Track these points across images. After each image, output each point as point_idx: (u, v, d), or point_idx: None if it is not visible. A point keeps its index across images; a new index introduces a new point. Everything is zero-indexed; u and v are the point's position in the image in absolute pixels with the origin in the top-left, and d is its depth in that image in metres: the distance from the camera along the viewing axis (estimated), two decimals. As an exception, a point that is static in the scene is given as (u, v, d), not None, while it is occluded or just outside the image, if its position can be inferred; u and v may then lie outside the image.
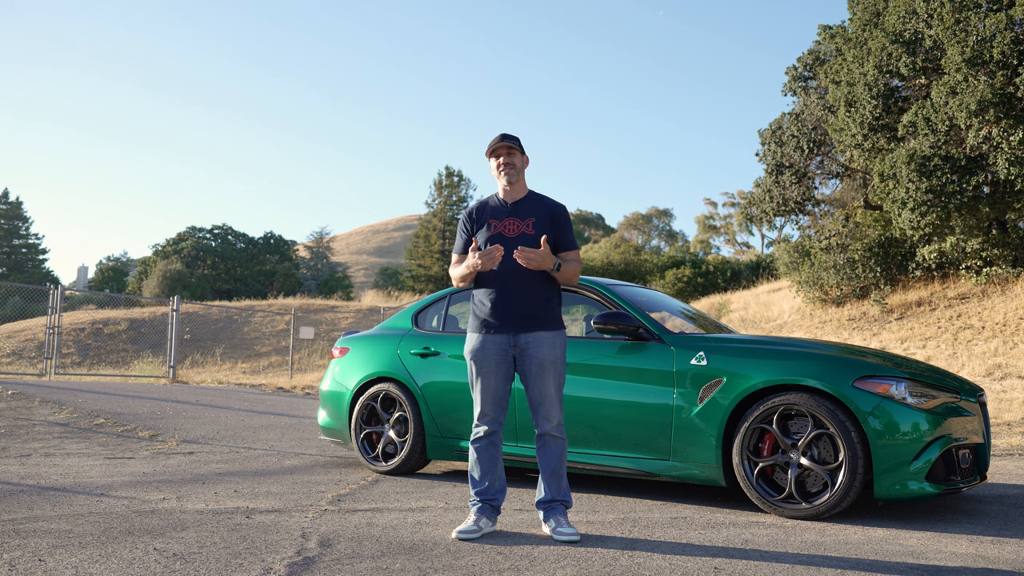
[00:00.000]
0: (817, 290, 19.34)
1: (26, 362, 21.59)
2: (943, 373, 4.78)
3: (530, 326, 3.79)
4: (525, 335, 3.80)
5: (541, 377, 3.78)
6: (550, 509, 3.81)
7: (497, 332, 3.81)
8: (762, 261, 38.80)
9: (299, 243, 59.19)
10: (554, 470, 3.82)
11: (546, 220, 3.87)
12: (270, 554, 3.31)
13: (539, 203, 3.93)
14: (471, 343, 3.88)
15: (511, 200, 3.92)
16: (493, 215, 3.91)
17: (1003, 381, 11.45)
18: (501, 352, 3.81)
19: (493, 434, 3.84)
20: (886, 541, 3.73)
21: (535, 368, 3.78)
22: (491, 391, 3.81)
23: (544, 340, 3.80)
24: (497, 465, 3.84)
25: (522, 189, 3.94)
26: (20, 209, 58.03)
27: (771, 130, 21.53)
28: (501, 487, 3.87)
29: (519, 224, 3.86)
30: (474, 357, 3.85)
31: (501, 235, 3.85)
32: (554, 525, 3.72)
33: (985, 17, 15.23)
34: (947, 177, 15.38)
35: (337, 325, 26.80)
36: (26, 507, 4.22)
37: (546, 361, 3.78)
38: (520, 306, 3.79)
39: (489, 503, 3.81)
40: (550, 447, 3.82)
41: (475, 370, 3.84)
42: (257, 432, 8.01)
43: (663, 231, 74.75)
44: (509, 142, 3.87)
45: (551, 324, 3.84)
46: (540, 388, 3.79)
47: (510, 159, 3.87)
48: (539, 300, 3.82)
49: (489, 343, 3.81)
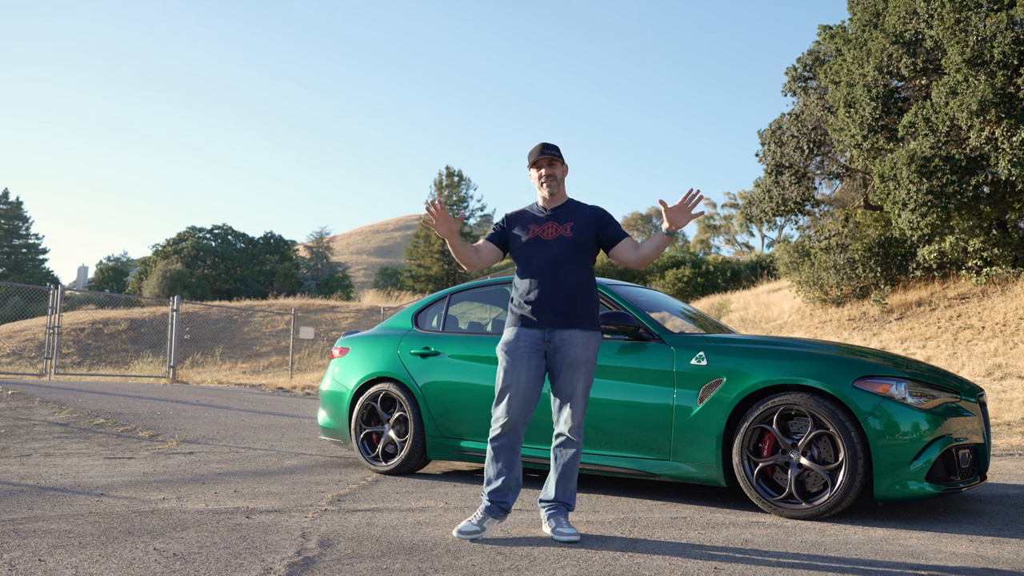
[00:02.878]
0: (817, 290, 19.33)
1: (26, 362, 21.58)
2: (943, 373, 4.78)
3: (566, 323, 3.76)
4: (561, 332, 3.76)
5: (571, 376, 3.76)
6: (553, 509, 3.80)
7: (533, 326, 3.78)
8: (762, 261, 38.78)
9: (299, 243, 59.18)
10: (566, 472, 3.81)
11: (588, 223, 3.87)
12: (270, 554, 3.31)
13: (578, 208, 3.94)
14: (505, 337, 3.84)
15: (550, 207, 3.94)
16: (533, 220, 3.93)
17: (1003, 381, 11.44)
18: (534, 347, 3.77)
19: (514, 433, 3.76)
20: (886, 541, 3.73)
21: (566, 366, 3.75)
22: (520, 388, 3.73)
23: (579, 339, 3.77)
24: (515, 466, 3.79)
25: (562, 197, 3.96)
26: (20, 209, 58.02)
27: (771, 130, 21.52)
28: (515, 487, 3.81)
29: (558, 227, 3.86)
30: (507, 350, 3.79)
31: (539, 238, 3.86)
32: (554, 525, 3.71)
33: (986, 17, 15.22)
34: (947, 178, 15.37)
35: (337, 325, 26.80)
36: (26, 507, 4.22)
37: (578, 361, 3.75)
38: (557, 302, 3.77)
39: (498, 504, 3.76)
40: (566, 447, 3.80)
41: (507, 364, 3.77)
42: (257, 432, 8.01)
43: (663, 231, 74.58)
44: (551, 153, 3.88)
45: (587, 323, 3.81)
46: (568, 387, 3.76)
47: (552, 170, 3.89)
48: (577, 297, 3.80)
49: (524, 336, 3.77)
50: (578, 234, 3.84)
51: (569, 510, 3.83)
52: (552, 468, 3.85)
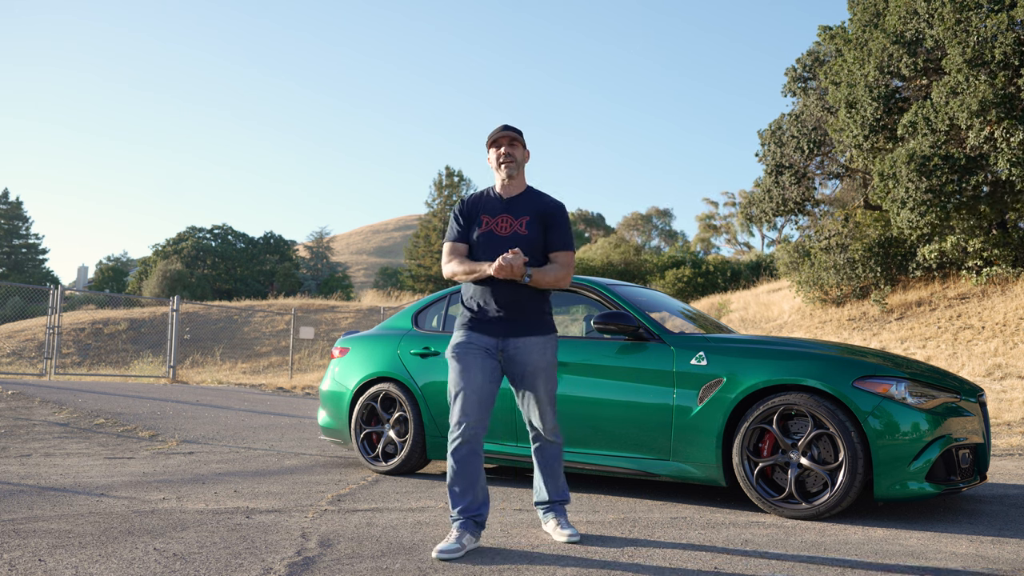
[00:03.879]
0: (817, 290, 19.33)
1: (26, 362, 21.58)
2: (943, 373, 4.78)
3: (519, 331, 3.58)
4: (514, 340, 3.57)
5: (533, 384, 3.61)
6: (549, 509, 3.77)
7: (485, 332, 3.58)
8: (762, 261, 38.79)
9: (299, 243, 59.20)
10: (551, 471, 3.77)
11: (540, 219, 3.64)
12: (270, 554, 3.31)
13: (535, 200, 3.70)
14: (454, 339, 3.62)
15: (507, 195, 3.70)
16: (486, 210, 3.69)
17: (1003, 381, 11.44)
18: (486, 351, 3.56)
19: (474, 441, 3.46)
20: (886, 541, 3.73)
21: (526, 375, 3.60)
22: (475, 389, 3.47)
23: (534, 346, 3.59)
24: (479, 477, 3.51)
25: (520, 185, 3.72)
26: (20, 209, 58.03)
27: (771, 130, 21.53)
28: (485, 499, 3.54)
29: (512, 222, 3.63)
30: (456, 352, 3.56)
31: (492, 232, 3.63)
32: (554, 525, 3.69)
33: (986, 17, 15.23)
34: (947, 177, 15.38)
35: (337, 325, 26.81)
36: (26, 507, 4.22)
37: (537, 368, 3.59)
38: (509, 309, 3.56)
39: (473, 519, 3.48)
40: (546, 451, 3.77)
41: (457, 367, 3.52)
42: (257, 432, 8.01)
43: (663, 231, 74.75)
44: (512, 132, 3.67)
45: (542, 328, 3.63)
46: (531, 396, 3.64)
47: (512, 150, 3.66)
48: (529, 303, 3.60)
49: (475, 339, 3.56)
50: (533, 232, 3.62)
51: (566, 504, 3.81)
52: (536, 470, 3.80)
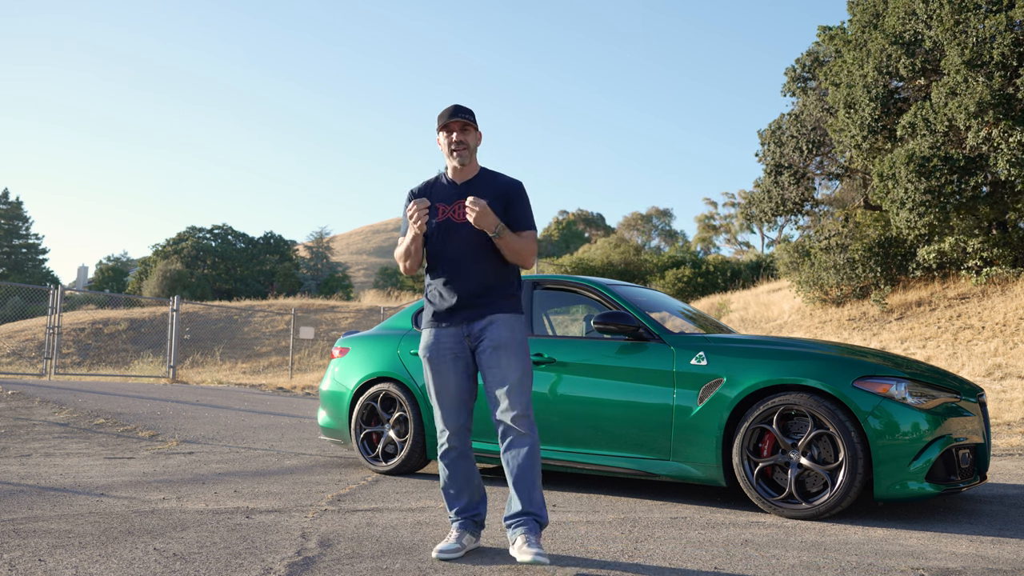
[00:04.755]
0: (817, 290, 19.34)
1: (26, 362, 21.58)
2: (943, 373, 4.79)
3: (485, 312, 3.37)
4: (479, 322, 3.36)
5: (499, 362, 3.30)
6: (519, 524, 3.22)
7: (450, 324, 3.40)
8: (762, 261, 38.80)
9: (299, 243, 59.18)
10: (524, 475, 3.24)
11: (500, 198, 3.43)
12: (270, 554, 3.31)
13: (492, 182, 3.49)
14: (423, 340, 3.46)
15: (461, 180, 3.49)
16: (440, 198, 3.48)
17: (1003, 381, 11.45)
18: (457, 346, 3.38)
19: (461, 444, 3.39)
20: (886, 541, 3.73)
21: (491, 352, 3.32)
22: (451, 394, 3.36)
23: (501, 322, 3.36)
24: (472, 477, 3.42)
25: (473, 168, 3.51)
26: (20, 209, 58.03)
27: (771, 130, 21.54)
28: (482, 498, 3.46)
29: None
30: (428, 355, 3.41)
31: (450, 220, 3.42)
32: (521, 542, 3.14)
33: (985, 18, 15.23)
34: (946, 177, 15.39)
35: (337, 325, 26.81)
36: (26, 507, 4.22)
37: (504, 343, 3.32)
38: (472, 292, 3.37)
39: (471, 519, 3.42)
40: (515, 445, 3.26)
41: (431, 371, 3.40)
42: (257, 432, 8.01)
43: (663, 231, 74.77)
44: (464, 116, 3.42)
45: (508, 307, 3.41)
46: (499, 375, 3.29)
47: (464, 136, 3.42)
48: (493, 283, 3.40)
49: (443, 337, 3.39)
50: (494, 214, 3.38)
51: (542, 525, 3.25)
52: (507, 474, 3.29)
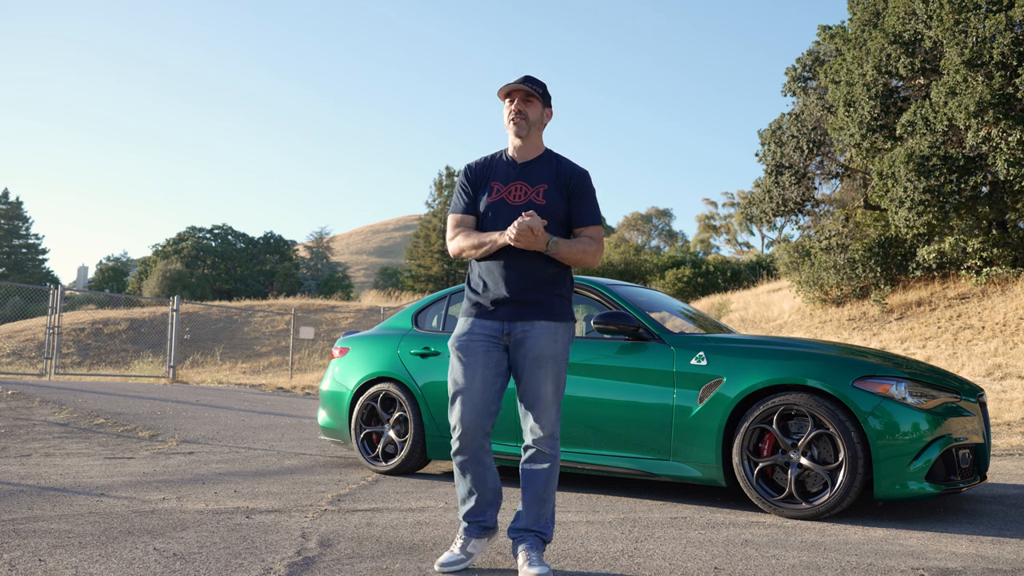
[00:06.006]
0: (817, 290, 19.34)
1: (26, 362, 21.58)
2: (943, 373, 4.79)
3: (528, 313, 3.10)
4: (522, 323, 3.10)
5: (535, 374, 3.08)
6: (522, 540, 3.10)
7: (489, 317, 3.14)
8: (762, 261, 38.80)
9: (299, 243, 59.20)
10: (538, 493, 3.10)
11: (561, 186, 3.16)
12: (270, 554, 3.31)
13: (555, 165, 3.21)
14: (458, 329, 3.19)
15: (521, 159, 3.21)
16: (497, 176, 3.21)
17: (1003, 381, 11.45)
18: (491, 340, 3.12)
19: (474, 444, 3.12)
20: (886, 541, 3.73)
21: (529, 363, 3.08)
22: (475, 388, 3.09)
23: (544, 331, 3.10)
24: (487, 477, 3.17)
25: (536, 148, 3.23)
26: (20, 209, 58.04)
27: (771, 130, 21.54)
28: (494, 499, 3.21)
29: (527, 189, 3.16)
30: (459, 344, 3.15)
31: (504, 201, 3.16)
32: (524, 558, 3.02)
33: (985, 18, 15.23)
34: (945, 177, 15.39)
35: (337, 325, 26.81)
36: (26, 507, 4.22)
37: (544, 356, 3.08)
38: (519, 288, 3.10)
39: (478, 523, 3.19)
40: (537, 465, 3.11)
41: (458, 365, 3.13)
42: (257, 432, 8.01)
43: (663, 231, 74.74)
44: (530, 85, 3.14)
45: (556, 313, 3.13)
46: (533, 388, 3.09)
47: (525, 107, 3.15)
48: (543, 281, 3.13)
49: (478, 328, 3.14)
50: (552, 201, 3.15)
51: (545, 542, 3.12)
52: (522, 489, 3.14)
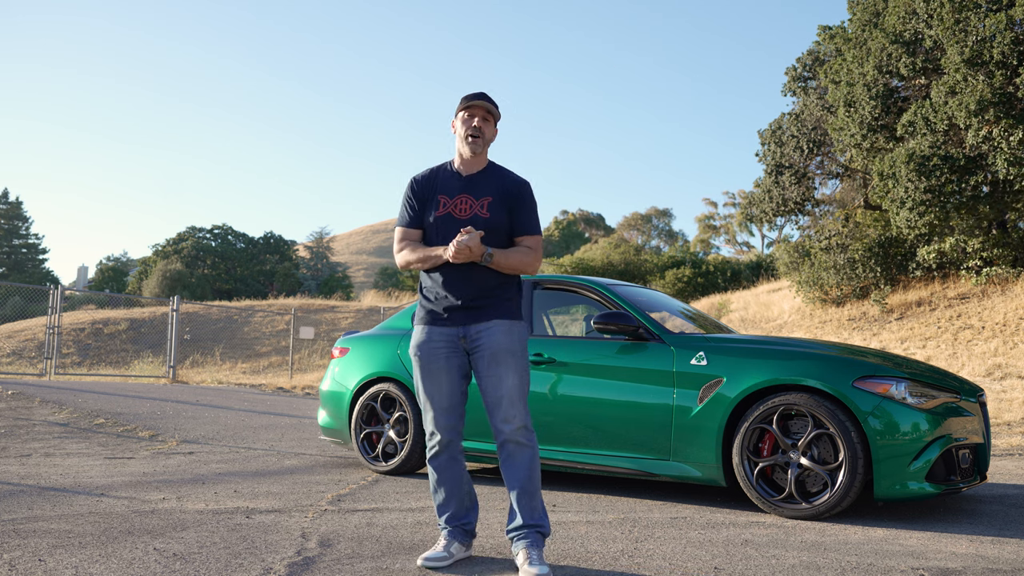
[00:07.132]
0: (817, 290, 19.33)
1: (26, 362, 21.58)
2: (943, 373, 4.79)
3: (481, 315, 3.19)
4: (477, 325, 3.19)
5: (496, 370, 3.15)
6: (522, 537, 3.12)
7: (444, 324, 3.22)
8: (762, 261, 38.78)
9: (299, 243, 59.18)
10: (524, 487, 3.13)
11: (504, 199, 3.25)
12: (270, 554, 3.31)
13: (498, 178, 3.29)
14: (415, 337, 3.28)
15: (467, 172, 3.30)
16: (443, 190, 3.28)
17: (1003, 381, 11.45)
18: (451, 345, 3.21)
19: (451, 446, 3.23)
20: (886, 541, 3.73)
21: (489, 359, 3.16)
22: (443, 393, 3.21)
23: (499, 328, 3.18)
24: (462, 482, 3.27)
25: (482, 161, 3.31)
26: (20, 209, 58.03)
27: (771, 130, 21.54)
28: (472, 505, 3.31)
29: (472, 203, 3.23)
30: (419, 352, 3.24)
31: (451, 215, 3.23)
32: (524, 557, 3.04)
33: (985, 17, 15.23)
34: (946, 177, 15.39)
35: (337, 325, 26.81)
36: (26, 507, 4.22)
37: (502, 350, 3.15)
38: (470, 294, 3.18)
39: (461, 527, 3.27)
40: (515, 457, 3.15)
41: (421, 369, 3.24)
42: (257, 432, 8.01)
43: (663, 231, 74.75)
44: (490, 104, 3.25)
45: (508, 313, 3.22)
46: (496, 383, 3.15)
47: (484, 124, 3.25)
48: (490, 288, 3.21)
49: (437, 335, 3.22)
50: (496, 214, 3.22)
51: (544, 536, 3.15)
52: (507, 486, 3.17)
